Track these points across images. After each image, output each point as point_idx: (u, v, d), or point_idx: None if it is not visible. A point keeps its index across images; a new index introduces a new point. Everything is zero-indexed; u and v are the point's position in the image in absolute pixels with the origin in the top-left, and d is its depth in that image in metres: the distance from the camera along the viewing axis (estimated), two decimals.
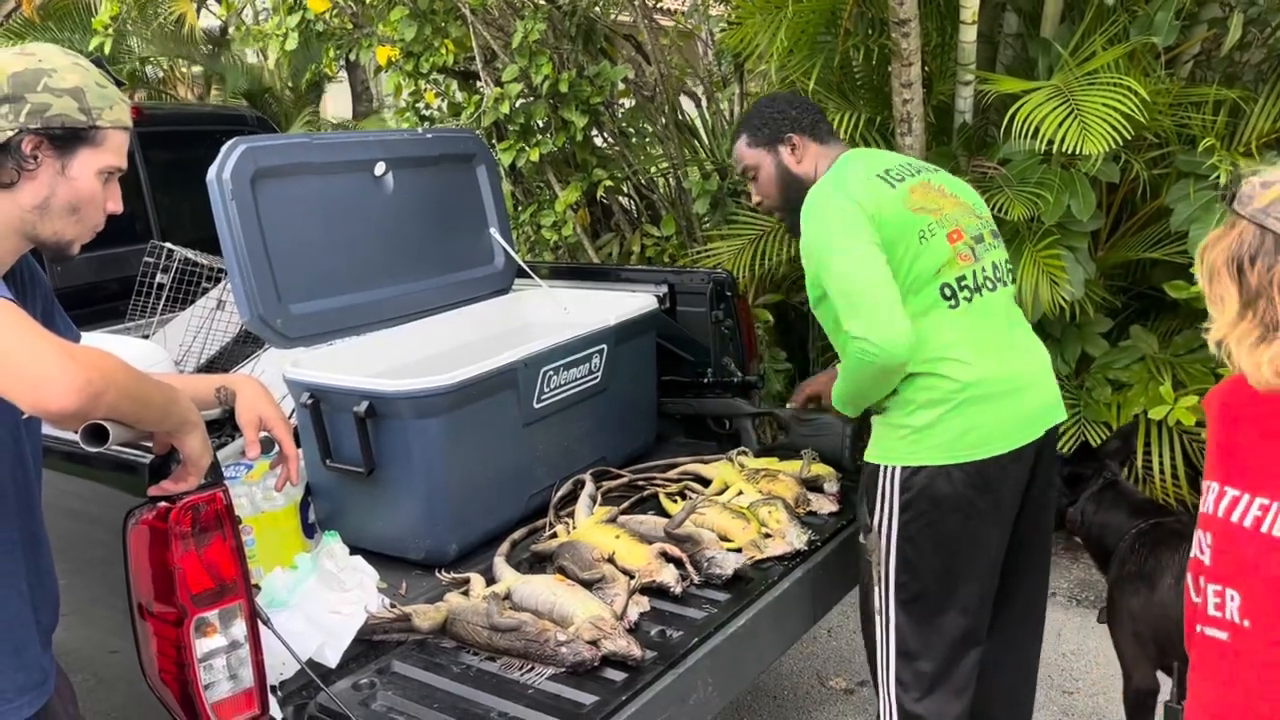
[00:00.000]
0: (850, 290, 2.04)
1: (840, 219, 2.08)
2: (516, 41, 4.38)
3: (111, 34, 5.24)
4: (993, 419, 2.06)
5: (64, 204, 1.45)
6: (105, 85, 1.48)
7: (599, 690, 1.89)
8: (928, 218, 2.12)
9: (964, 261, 2.13)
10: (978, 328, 2.11)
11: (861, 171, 2.17)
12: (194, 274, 3.18)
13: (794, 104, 2.29)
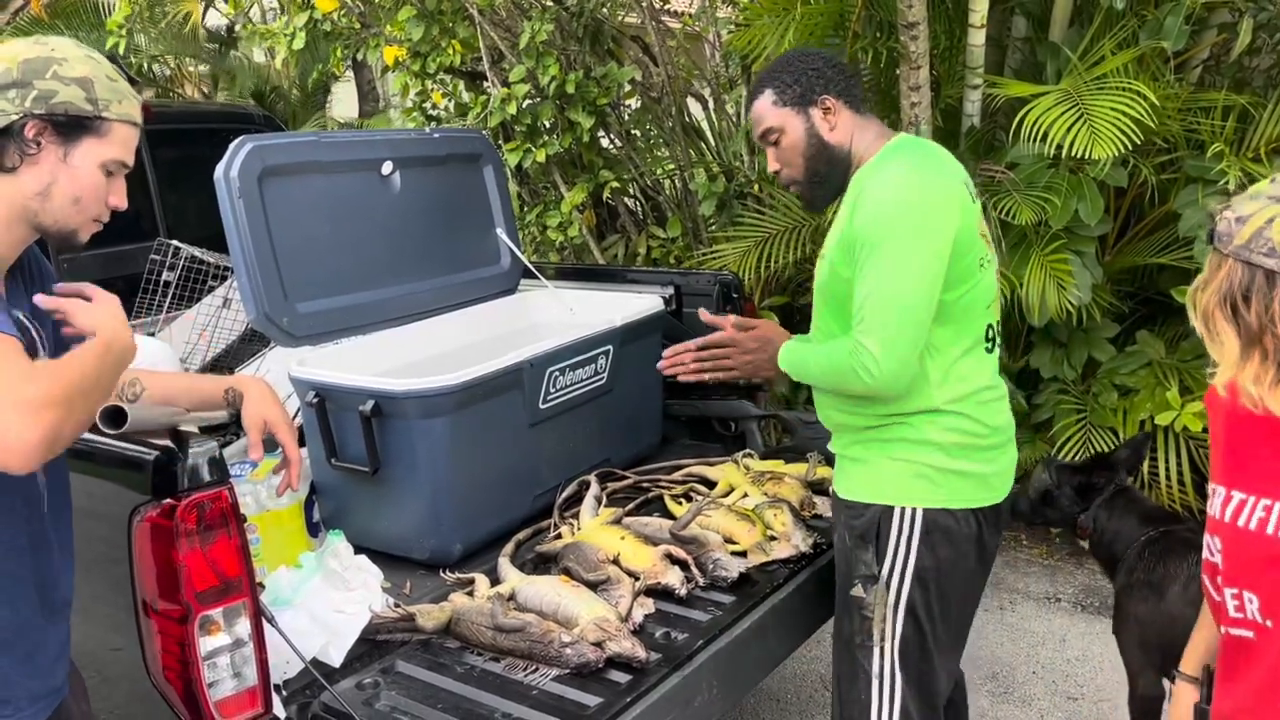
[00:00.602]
0: (889, 303, 1.79)
1: (929, 214, 1.81)
2: (524, 42, 4.38)
3: (125, 34, 5.25)
4: (1004, 465, 2.00)
5: (65, 192, 1.44)
6: (116, 79, 1.48)
7: (603, 692, 1.88)
8: (985, 248, 1.93)
9: (997, 306, 2.00)
10: (995, 372, 2.00)
11: (950, 169, 1.91)
12: (200, 272, 3.18)
13: (830, 62, 1.99)
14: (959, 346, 1.89)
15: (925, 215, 1.80)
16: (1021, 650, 3.45)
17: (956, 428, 1.91)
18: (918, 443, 1.92)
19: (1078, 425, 3.87)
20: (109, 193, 1.49)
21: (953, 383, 1.89)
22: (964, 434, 1.91)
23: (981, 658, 3.40)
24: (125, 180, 1.54)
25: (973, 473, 1.93)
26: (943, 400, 1.89)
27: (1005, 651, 3.44)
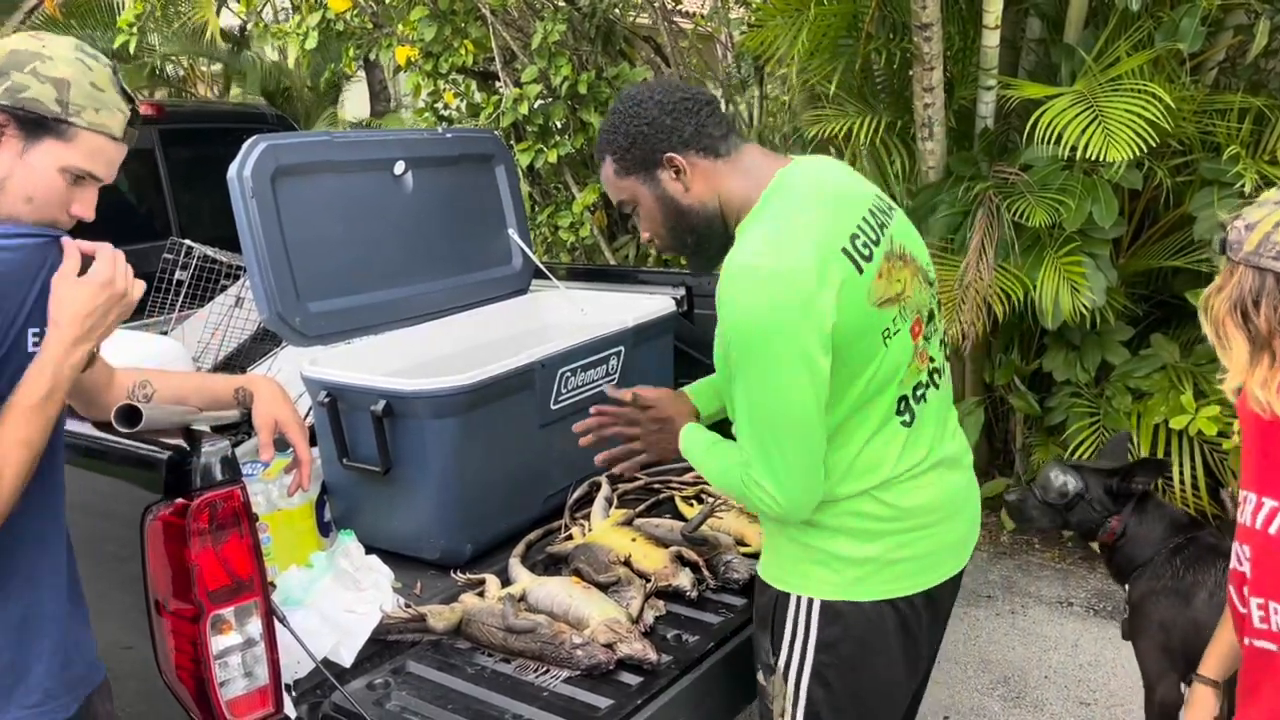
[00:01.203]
0: (768, 432, 1.53)
1: (786, 316, 1.47)
2: (536, 42, 4.38)
3: (136, 32, 5.27)
4: (934, 546, 1.69)
5: (19, 189, 1.41)
6: (103, 90, 1.44)
7: (614, 694, 1.88)
8: (892, 311, 1.58)
9: (921, 363, 1.66)
10: (922, 442, 1.67)
11: (823, 233, 1.53)
12: (213, 271, 3.19)
13: (666, 107, 1.61)
14: (863, 433, 1.60)
15: (782, 318, 1.47)
16: (1033, 655, 3.43)
17: (860, 512, 1.63)
18: (824, 531, 1.65)
19: (1091, 429, 3.85)
20: (71, 200, 1.45)
21: (857, 474, 1.62)
22: (871, 519, 1.64)
23: (993, 662, 3.39)
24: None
25: (886, 559, 1.65)
26: (845, 493, 1.63)
27: (1017, 656, 3.42)
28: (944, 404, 1.75)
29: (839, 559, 1.65)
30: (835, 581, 1.66)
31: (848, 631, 1.66)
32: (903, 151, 3.97)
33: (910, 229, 1.71)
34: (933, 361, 1.70)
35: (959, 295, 3.66)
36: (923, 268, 1.69)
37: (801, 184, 1.61)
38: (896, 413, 1.62)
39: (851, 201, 1.61)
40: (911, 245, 1.67)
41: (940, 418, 1.72)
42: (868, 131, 3.87)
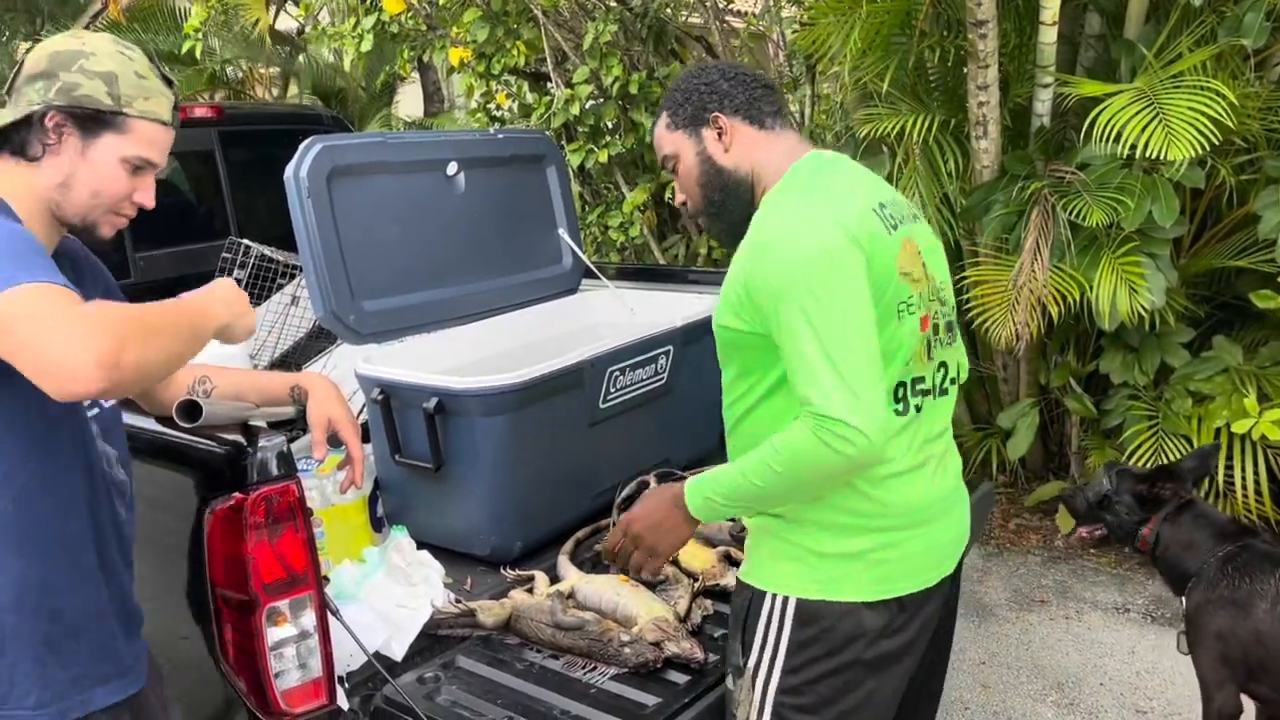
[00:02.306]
0: (832, 352, 1.45)
1: (825, 251, 1.50)
2: (587, 43, 4.40)
3: (201, 38, 5.39)
4: (919, 548, 1.63)
5: (84, 185, 1.45)
6: (146, 77, 1.47)
7: (661, 692, 1.88)
8: (909, 289, 1.59)
9: (923, 362, 1.63)
10: (916, 441, 1.63)
11: (852, 191, 1.61)
12: (270, 270, 3.24)
13: (727, 75, 1.72)
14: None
15: (829, 255, 1.49)
16: (1088, 661, 3.37)
17: (842, 505, 1.58)
18: (803, 523, 1.60)
19: (1150, 432, 3.78)
20: (134, 189, 1.49)
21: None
22: (852, 513, 1.58)
23: (1046, 667, 3.34)
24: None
25: (869, 559, 1.59)
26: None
27: (1071, 662, 3.37)
28: (941, 413, 1.71)
29: (817, 555, 1.59)
30: (813, 579, 1.60)
31: (823, 633, 1.60)
32: (956, 150, 3.93)
33: (931, 245, 1.71)
34: (945, 369, 1.69)
35: (1013, 296, 3.61)
36: (935, 282, 1.68)
37: (832, 162, 1.70)
38: (894, 399, 1.58)
39: (876, 186, 1.68)
40: (931, 256, 1.69)
41: (939, 426, 1.70)
42: (921, 130, 3.83)
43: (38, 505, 1.41)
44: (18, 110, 1.42)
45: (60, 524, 1.45)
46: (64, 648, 1.47)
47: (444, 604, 2.10)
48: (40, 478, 1.41)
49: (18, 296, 1.19)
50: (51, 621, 1.45)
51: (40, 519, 1.42)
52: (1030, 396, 4.25)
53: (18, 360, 1.21)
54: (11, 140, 1.43)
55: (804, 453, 1.47)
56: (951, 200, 4.07)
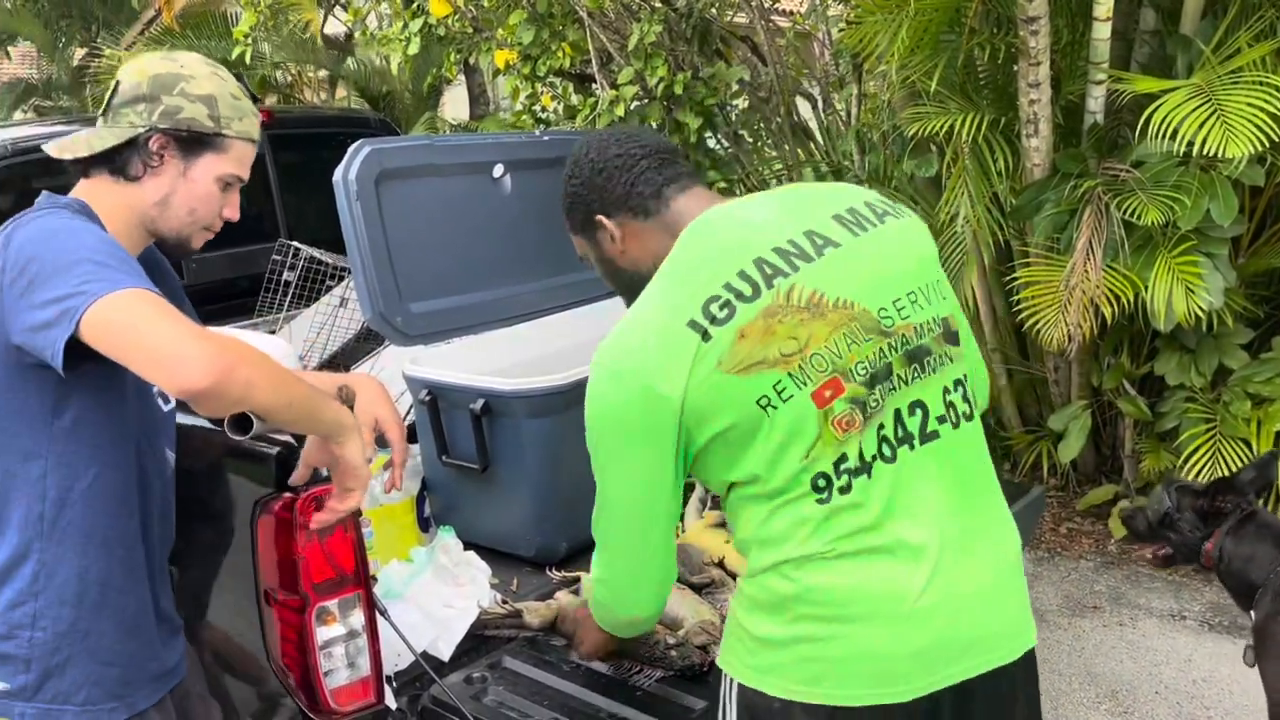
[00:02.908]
0: (602, 526, 1.52)
1: (603, 424, 1.43)
2: (632, 44, 4.40)
3: (251, 43, 5.47)
4: (855, 650, 1.35)
5: (183, 203, 1.52)
6: (239, 98, 1.54)
7: (708, 695, 1.86)
8: (771, 376, 1.33)
9: (845, 431, 1.33)
10: (856, 519, 1.35)
11: (663, 311, 1.38)
12: (319, 272, 3.28)
13: (597, 165, 1.51)
14: (764, 507, 1.38)
15: (613, 419, 1.41)
16: (1143, 669, 3.30)
17: (768, 586, 1.39)
18: (742, 598, 1.45)
19: (1207, 435, 3.70)
20: (224, 204, 1.56)
21: (762, 546, 1.39)
22: (778, 594, 1.38)
23: (1101, 675, 3.28)
24: (240, 192, 1.60)
25: (798, 653, 1.37)
26: (756, 566, 1.41)
27: (1126, 670, 3.30)
28: (916, 483, 1.37)
29: (754, 638, 1.41)
30: (750, 664, 1.42)
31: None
32: (1006, 149, 3.87)
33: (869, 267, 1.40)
34: (884, 429, 1.36)
35: (1064, 296, 3.55)
36: (868, 316, 1.37)
37: (690, 242, 1.45)
38: (813, 488, 1.34)
39: (729, 254, 1.39)
40: (852, 288, 1.37)
41: (902, 499, 1.36)
42: (970, 129, 3.78)
43: (100, 504, 1.45)
44: (119, 133, 1.48)
45: (120, 523, 1.48)
46: (117, 646, 1.49)
47: (490, 604, 2.11)
48: (104, 478, 1.45)
49: (135, 298, 1.27)
50: (109, 619, 1.48)
51: (102, 517, 1.45)
52: (1082, 399, 4.18)
53: (131, 352, 1.26)
54: (112, 160, 1.48)
55: (594, 597, 1.70)
56: (1001, 199, 4.01)
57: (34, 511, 1.41)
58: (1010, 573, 1.45)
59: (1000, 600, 1.42)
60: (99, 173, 1.50)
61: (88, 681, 1.47)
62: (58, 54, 13.05)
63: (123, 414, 1.46)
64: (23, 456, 1.40)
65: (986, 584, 1.40)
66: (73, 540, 1.43)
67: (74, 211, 1.43)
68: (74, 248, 1.31)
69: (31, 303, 1.29)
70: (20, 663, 1.43)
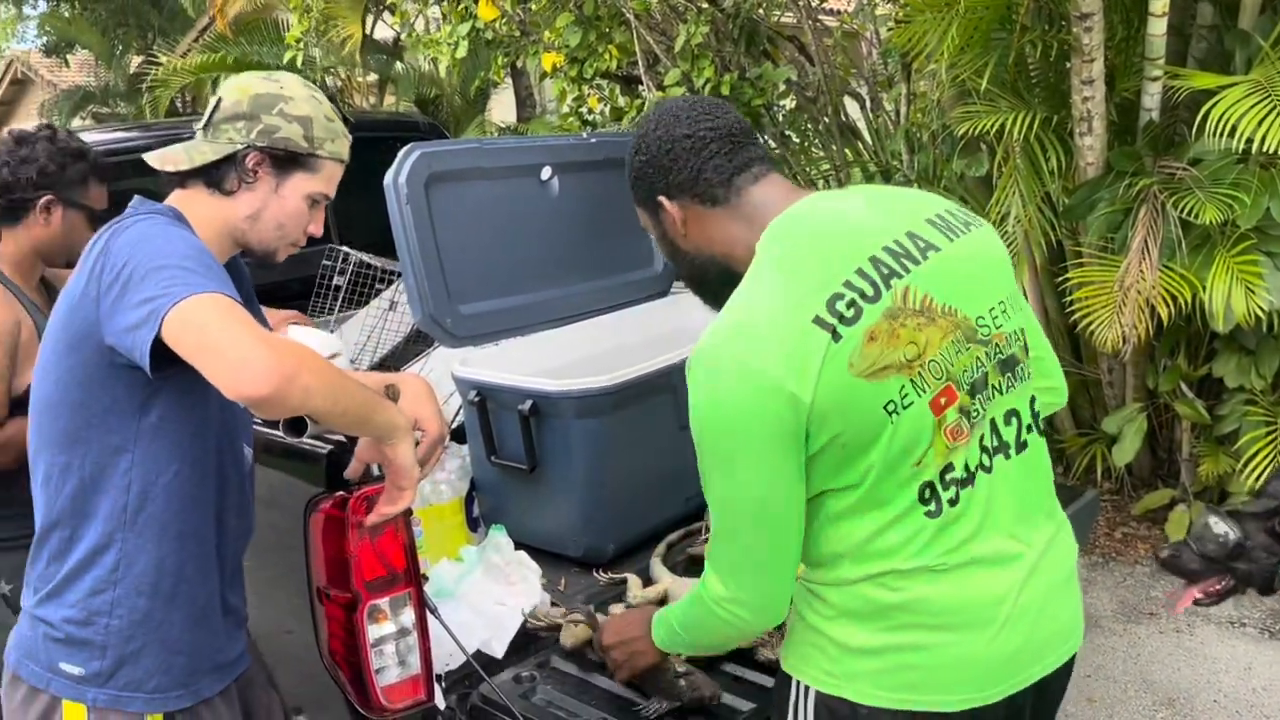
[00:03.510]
0: (728, 527, 1.38)
1: (724, 417, 1.32)
2: (679, 45, 4.40)
3: (303, 48, 5.55)
4: (954, 657, 1.36)
5: (272, 218, 1.58)
6: (333, 120, 1.60)
7: (755, 697, 1.86)
8: (897, 381, 1.31)
9: (954, 441, 1.34)
10: (960, 532, 1.36)
11: (784, 301, 1.32)
12: (368, 276, 3.31)
13: (666, 141, 1.45)
14: (875, 519, 1.35)
15: (738, 415, 1.31)
16: (1201, 676, 3.24)
17: (867, 596, 1.37)
18: (823, 605, 1.41)
19: (1268, 439, 3.61)
20: (310, 221, 1.63)
21: (867, 558, 1.36)
22: (879, 604, 1.37)
23: (1157, 682, 3.21)
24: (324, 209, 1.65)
25: (895, 660, 1.36)
26: (853, 576, 1.38)
27: (1183, 677, 3.24)
28: (1008, 491, 1.39)
29: (838, 646, 1.39)
30: (832, 671, 1.40)
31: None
32: (1058, 147, 3.81)
33: (965, 272, 1.39)
34: (985, 439, 1.37)
35: (1119, 297, 3.49)
36: (969, 323, 1.36)
37: (789, 235, 1.39)
38: (920, 500, 1.34)
39: (846, 251, 1.35)
40: (954, 294, 1.36)
41: (996, 508, 1.38)
42: (1021, 127, 3.73)
43: (178, 499, 1.50)
44: (218, 148, 1.54)
45: (196, 518, 1.53)
46: (186, 636, 1.54)
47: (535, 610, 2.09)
48: (184, 474, 1.49)
49: (211, 301, 1.30)
50: (179, 609, 1.53)
51: (179, 512, 1.50)
52: (1138, 401, 4.10)
53: (200, 355, 1.30)
54: (208, 174, 1.55)
55: (697, 615, 1.49)
56: (1053, 199, 3.95)
57: (118, 504, 1.46)
58: (1073, 569, 1.50)
59: (1069, 597, 1.48)
60: (195, 184, 1.56)
61: (158, 669, 1.51)
62: (115, 61, 13.36)
63: (205, 413, 1.51)
64: (112, 451, 1.45)
65: (1059, 583, 1.45)
66: (151, 532, 1.48)
67: (168, 219, 1.48)
68: (166, 253, 1.36)
69: (124, 304, 1.34)
70: (96, 649, 1.48)
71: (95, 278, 1.39)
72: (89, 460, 1.46)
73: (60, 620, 1.49)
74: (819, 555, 1.41)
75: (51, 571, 1.50)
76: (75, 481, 1.47)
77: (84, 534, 1.48)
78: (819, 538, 1.40)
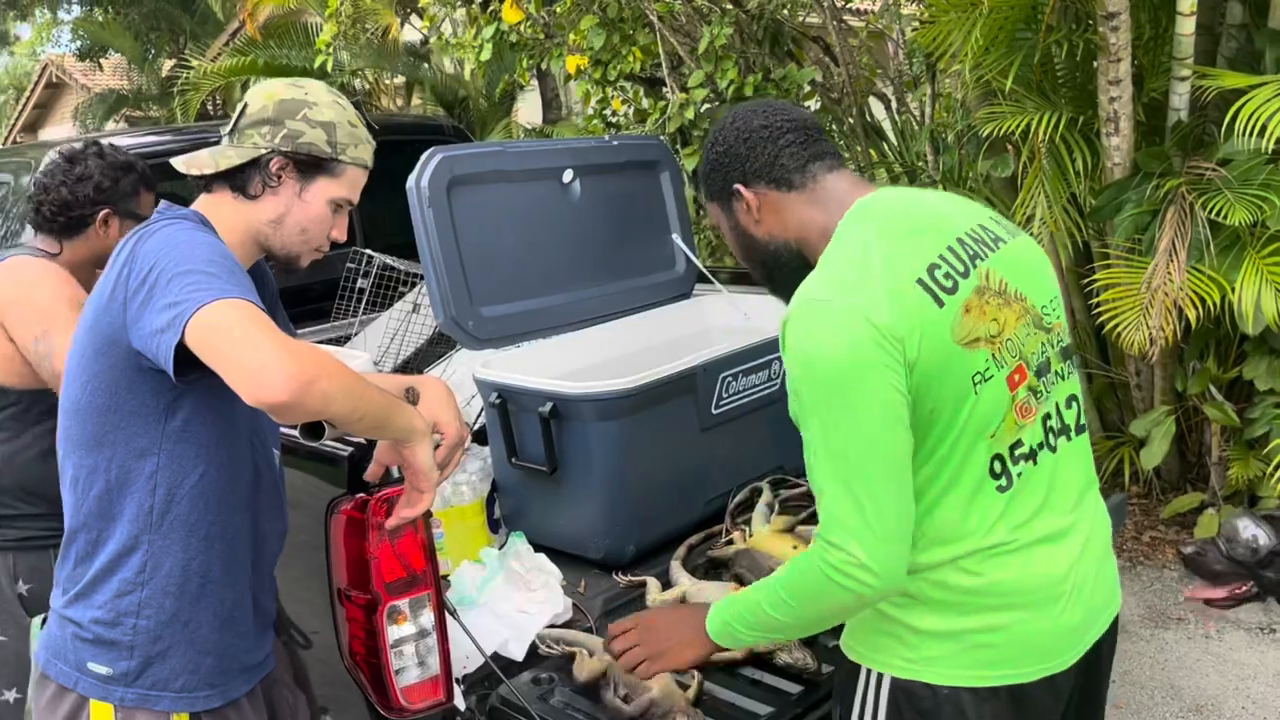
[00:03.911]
0: (855, 481, 1.35)
1: (848, 364, 1.33)
2: (703, 47, 4.40)
3: (332, 52, 5.60)
4: (1028, 632, 1.44)
5: (296, 223, 1.59)
6: (356, 126, 1.62)
7: (774, 701, 1.87)
8: (983, 353, 1.39)
9: (1023, 419, 1.44)
10: (1028, 507, 1.45)
11: (888, 263, 1.38)
12: (391, 278, 3.34)
13: (744, 134, 1.52)
14: (951, 495, 1.41)
15: (859, 354, 1.33)
16: (1230, 683, 3.20)
17: (942, 582, 1.43)
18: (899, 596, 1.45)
19: None
20: (333, 226, 1.64)
21: (942, 541, 1.42)
22: (956, 590, 1.43)
23: (1184, 689, 3.18)
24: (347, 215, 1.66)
25: (972, 640, 1.43)
26: (926, 562, 1.42)
27: (1211, 684, 3.20)
28: (1067, 471, 1.50)
29: (915, 632, 1.44)
30: (909, 658, 1.45)
31: (920, 717, 1.45)
32: (1084, 148, 3.78)
33: (1027, 266, 1.50)
34: (1050, 420, 1.47)
35: (1146, 298, 3.45)
36: (1035, 310, 1.47)
37: (876, 213, 1.47)
38: (991, 474, 1.41)
39: (935, 230, 1.45)
40: (1022, 283, 1.46)
41: (1057, 486, 1.48)
42: (1047, 128, 3.70)
43: (205, 501, 1.51)
44: (243, 152, 1.56)
45: (223, 520, 1.54)
46: (213, 637, 1.55)
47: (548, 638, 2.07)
48: (210, 476, 1.51)
49: (233, 306, 1.32)
50: (207, 610, 1.54)
51: (206, 514, 1.52)
52: (1166, 404, 4.06)
53: (221, 360, 1.31)
54: (233, 178, 1.57)
55: (811, 585, 1.40)
56: (1079, 199, 3.92)
57: (144, 506, 1.48)
58: (1110, 538, 1.61)
59: (1111, 564, 1.59)
60: (220, 188, 1.58)
61: (185, 669, 1.53)
62: (147, 65, 13.52)
63: (232, 417, 1.52)
64: (138, 454, 1.47)
65: (1105, 553, 1.57)
66: (178, 534, 1.50)
67: (194, 223, 1.50)
68: (191, 257, 1.38)
69: (149, 309, 1.36)
70: (124, 649, 1.50)
71: (122, 282, 1.41)
72: (115, 463, 1.48)
73: (88, 621, 1.51)
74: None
75: (79, 572, 1.53)
76: (102, 484, 1.49)
77: (111, 536, 1.50)
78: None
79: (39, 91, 20.24)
